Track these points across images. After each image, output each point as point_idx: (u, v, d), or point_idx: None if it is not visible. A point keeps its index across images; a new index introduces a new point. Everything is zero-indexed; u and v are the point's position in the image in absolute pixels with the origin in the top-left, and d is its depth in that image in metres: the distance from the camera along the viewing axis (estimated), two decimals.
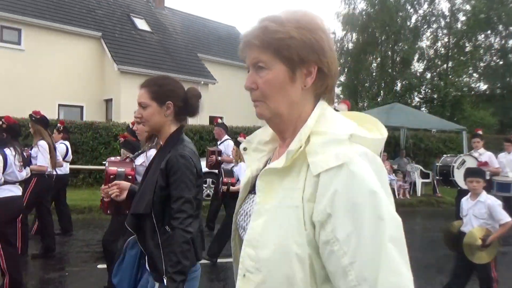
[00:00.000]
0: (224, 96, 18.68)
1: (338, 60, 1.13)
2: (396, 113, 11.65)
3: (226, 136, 6.88)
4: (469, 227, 3.75)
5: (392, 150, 13.94)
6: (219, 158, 6.56)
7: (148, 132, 2.82)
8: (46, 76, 13.97)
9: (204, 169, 3.41)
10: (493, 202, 3.70)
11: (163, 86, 2.12)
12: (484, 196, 3.77)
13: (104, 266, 4.47)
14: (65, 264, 5.19)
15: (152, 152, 3.28)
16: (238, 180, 5.28)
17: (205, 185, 9.67)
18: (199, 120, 15.81)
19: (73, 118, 12.83)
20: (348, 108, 2.97)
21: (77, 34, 14.87)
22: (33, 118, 5.21)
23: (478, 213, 3.73)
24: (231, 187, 5.21)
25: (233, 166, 5.79)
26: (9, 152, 3.88)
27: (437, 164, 9.01)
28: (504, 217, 3.62)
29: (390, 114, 11.38)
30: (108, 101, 15.22)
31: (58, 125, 6.71)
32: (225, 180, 5.34)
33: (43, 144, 5.11)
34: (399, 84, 24.95)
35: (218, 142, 6.86)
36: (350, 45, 26.82)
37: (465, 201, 3.92)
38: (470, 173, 3.93)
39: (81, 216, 7.91)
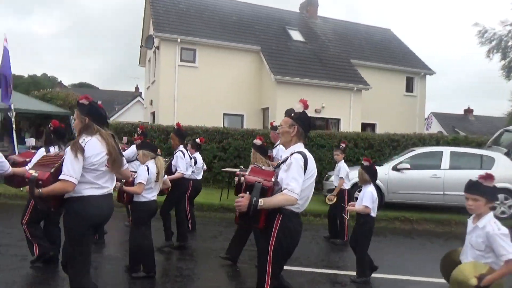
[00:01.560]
0: (377, 102, 17.90)
1: None
2: None
3: None
4: (465, 259, 2.89)
5: None
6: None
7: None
8: (214, 88, 15.73)
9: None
10: (493, 230, 2.70)
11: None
12: (486, 220, 2.79)
13: None
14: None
15: None
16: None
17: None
18: (352, 127, 15.47)
19: (235, 126, 14.14)
20: (304, 106, 3.08)
21: (240, 50, 16.34)
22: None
23: (475, 242, 2.82)
24: None
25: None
26: (52, 149, 4.52)
27: None
28: (508, 252, 2.62)
29: None
30: (265, 110, 16.22)
31: (138, 129, 7.24)
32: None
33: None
34: None
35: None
36: None
37: (469, 222, 2.97)
38: (466, 187, 2.91)
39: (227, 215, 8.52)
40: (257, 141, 5.31)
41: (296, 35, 18.58)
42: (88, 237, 3.09)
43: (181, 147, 5.94)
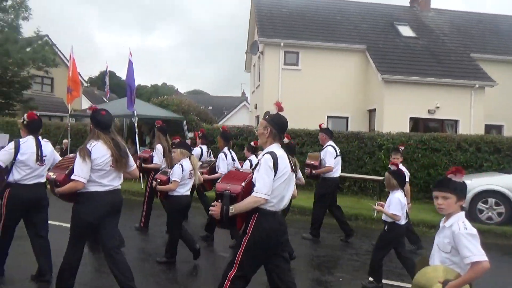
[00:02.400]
0: (505, 100, 15.66)
1: None
2: None
3: (329, 142, 6.69)
4: (432, 262, 2.62)
5: None
6: (313, 172, 6.65)
7: None
8: (318, 91, 15.50)
9: None
10: (459, 229, 2.42)
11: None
12: (454, 219, 2.53)
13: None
14: (335, 270, 5.37)
15: None
16: None
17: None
18: (472, 129, 13.80)
19: (339, 128, 13.70)
20: (278, 108, 3.24)
21: (344, 50, 15.84)
22: (156, 127, 6.59)
23: (441, 243, 2.57)
24: None
25: None
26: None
27: None
28: (473, 254, 2.32)
29: None
30: (371, 111, 15.41)
31: (199, 132, 7.29)
32: None
33: (159, 147, 6.34)
34: None
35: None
36: None
37: (440, 223, 2.69)
38: (435, 184, 2.70)
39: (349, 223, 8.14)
40: (285, 140, 5.11)
41: (405, 31, 17.31)
42: (86, 231, 3.64)
43: (225, 149, 6.37)
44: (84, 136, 14.49)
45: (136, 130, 11.19)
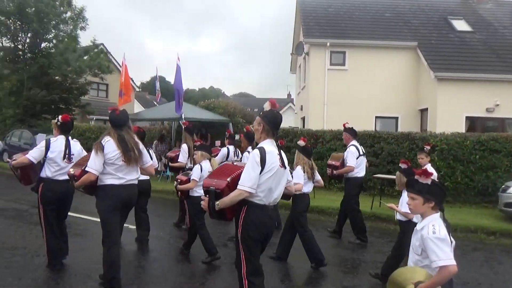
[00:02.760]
0: None
1: None
2: None
3: (353, 142, 6.59)
4: (408, 262, 2.66)
5: None
6: (334, 172, 6.62)
7: None
8: (365, 91, 15.05)
9: None
10: (428, 233, 2.38)
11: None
12: (425, 222, 2.51)
13: None
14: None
15: None
16: None
17: None
18: None
19: (388, 129, 13.21)
20: (271, 105, 3.23)
21: (393, 48, 15.26)
22: (183, 127, 7.04)
23: (414, 245, 2.55)
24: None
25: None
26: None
27: None
28: (439, 258, 2.29)
29: None
30: (423, 111, 14.71)
31: (226, 133, 7.32)
32: None
33: (184, 147, 6.64)
34: None
35: None
36: None
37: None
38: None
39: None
40: (301, 142, 5.32)
41: (460, 25, 16.35)
42: (111, 216, 3.86)
43: (249, 148, 6.48)
44: None
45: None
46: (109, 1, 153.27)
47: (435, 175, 5.95)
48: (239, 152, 7.65)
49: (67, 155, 4.55)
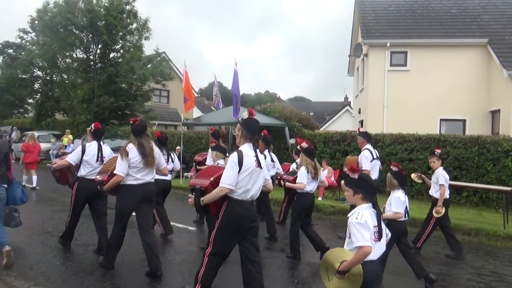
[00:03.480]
0: None
1: None
2: None
3: (366, 146, 6.66)
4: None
5: None
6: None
7: None
8: (428, 92, 14.31)
9: None
10: (352, 219, 2.85)
11: None
12: (354, 210, 2.96)
13: None
14: None
15: None
16: None
17: None
18: None
19: (455, 132, 12.41)
20: (249, 113, 3.81)
21: (460, 46, 14.35)
22: (210, 132, 7.57)
23: (346, 230, 2.94)
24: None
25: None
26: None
27: None
28: (357, 240, 2.74)
29: None
30: (495, 113, 13.63)
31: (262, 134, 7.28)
32: None
33: (210, 151, 6.83)
34: None
35: None
36: None
37: None
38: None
39: (467, 238, 7.28)
40: (304, 144, 5.71)
41: None
42: (127, 211, 4.61)
43: (266, 152, 6.96)
44: (195, 142, 15.63)
45: None
46: (170, 11, 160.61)
47: (446, 178, 6.08)
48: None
49: (99, 158, 5.38)
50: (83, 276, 4.60)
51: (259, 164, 3.64)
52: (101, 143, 5.50)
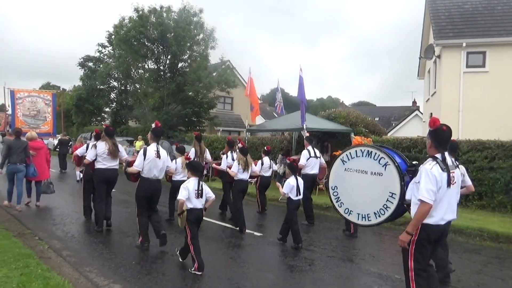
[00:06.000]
0: None
1: None
2: None
3: (308, 147, 8.35)
4: None
5: None
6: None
7: None
8: (510, 94, 13.10)
9: None
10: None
11: None
12: None
13: None
14: None
15: None
16: None
17: None
18: None
19: None
20: (156, 124, 6.26)
21: None
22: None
23: None
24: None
25: None
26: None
27: None
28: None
29: None
30: None
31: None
32: None
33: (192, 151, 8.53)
34: None
35: None
36: None
37: None
38: None
39: None
40: (240, 145, 8.50)
41: None
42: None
43: (228, 153, 8.51)
44: (258, 148, 15.77)
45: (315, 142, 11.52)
46: (233, 21, 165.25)
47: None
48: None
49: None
50: (156, 276, 4.79)
51: (158, 155, 5.90)
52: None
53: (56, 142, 19.35)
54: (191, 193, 4.92)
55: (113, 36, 24.68)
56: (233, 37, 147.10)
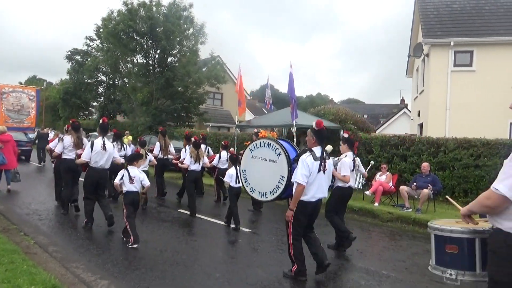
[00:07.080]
0: None
1: None
2: None
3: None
4: None
5: None
6: None
7: None
8: (496, 93, 13.30)
9: None
10: None
11: None
12: None
13: None
14: None
15: None
16: None
17: None
18: None
19: None
20: (103, 120, 7.17)
21: None
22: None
23: None
24: None
25: None
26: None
27: None
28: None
29: None
30: None
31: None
32: None
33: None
34: None
35: None
36: None
37: None
38: None
39: None
40: (193, 139, 8.78)
41: None
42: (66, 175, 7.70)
43: (187, 147, 9.32)
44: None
45: (295, 139, 11.56)
46: (224, 16, 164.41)
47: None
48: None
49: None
50: (144, 272, 4.76)
51: (104, 148, 6.64)
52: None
53: (34, 135, 19.07)
54: (125, 178, 5.81)
55: (101, 29, 24.34)
56: (224, 33, 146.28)
